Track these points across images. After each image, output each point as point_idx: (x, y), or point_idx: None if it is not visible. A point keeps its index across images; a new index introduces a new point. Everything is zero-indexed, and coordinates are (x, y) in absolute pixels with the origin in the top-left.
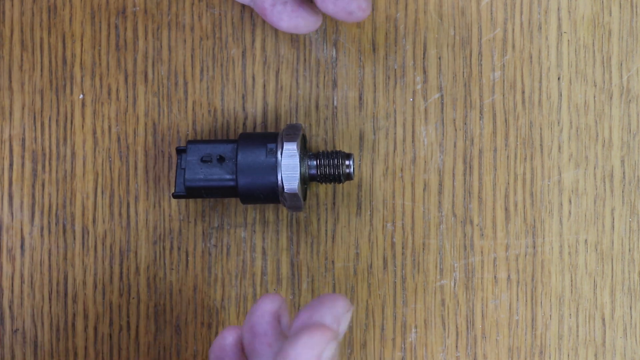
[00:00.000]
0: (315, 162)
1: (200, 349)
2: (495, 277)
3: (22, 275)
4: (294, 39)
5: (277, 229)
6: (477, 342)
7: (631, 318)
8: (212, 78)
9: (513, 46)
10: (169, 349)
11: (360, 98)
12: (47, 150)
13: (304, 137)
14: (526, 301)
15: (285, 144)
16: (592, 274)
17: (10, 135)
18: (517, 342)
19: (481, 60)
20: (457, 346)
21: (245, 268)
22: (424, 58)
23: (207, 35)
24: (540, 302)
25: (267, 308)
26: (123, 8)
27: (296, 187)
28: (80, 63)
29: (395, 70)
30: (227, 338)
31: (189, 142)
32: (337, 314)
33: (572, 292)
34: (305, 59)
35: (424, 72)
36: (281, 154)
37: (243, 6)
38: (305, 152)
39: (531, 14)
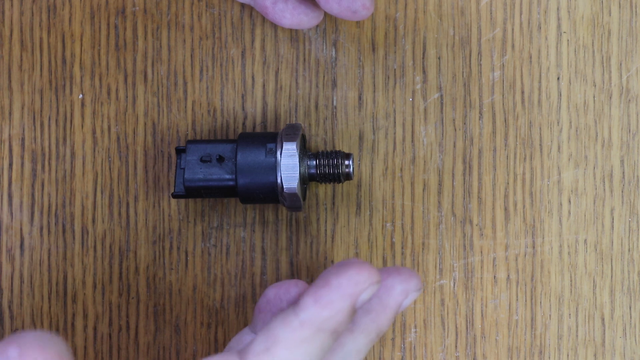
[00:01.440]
0: (314, 162)
1: (199, 348)
2: (494, 277)
3: (21, 275)
4: (294, 39)
5: (276, 229)
6: (477, 342)
7: (631, 318)
8: (212, 78)
9: (512, 46)
10: (168, 349)
11: (359, 98)
12: (47, 150)
13: (303, 137)
14: (526, 301)
15: (284, 143)
16: (591, 274)
17: (9, 135)
18: (517, 342)
19: (481, 60)
20: (456, 346)
21: (245, 268)
22: (423, 58)
23: (206, 35)
24: (539, 302)
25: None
26: (122, 8)
27: (295, 186)
28: (80, 63)
29: (394, 70)
30: (290, 291)
31: (189, 142)
32: (408, 287)
33: (571, 292)
34: (304, 59)
35: (424, 72)
36: (280, 154)
37: (243, 6)
38: (305, 152)
39: (531, 14)
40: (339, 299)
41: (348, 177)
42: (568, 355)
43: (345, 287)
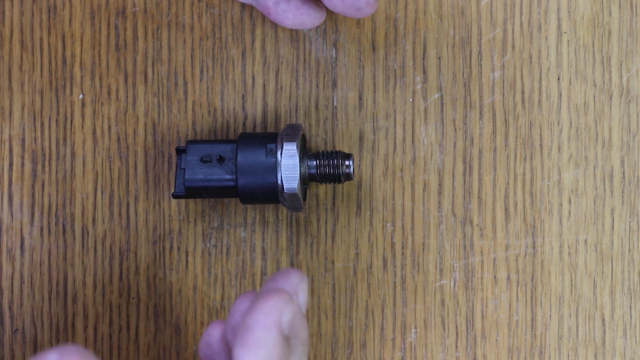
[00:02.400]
0: (315, 162)
1: None
2: (495, 277)
3: (21, 276)
4: (294, 39)
5: (276, 229)
6: (477, 342)
7: (631, 318)
8: (212, 78)
9: (513, 46)
10: (168, 349)
11: (360, 98)
12: (47, 150)
13: (303, 137)
14: (526, 301)
15: (285, 144)
16: (591, 274)
17: (10, 135)
18: (517, 342)
19: (481, 61)
20: (456, 346)
21: (245, 268)
22: (423, 58)
23: (207, 35)
24: (540, 302)
25: (244, 305)
26: (123, 8)
27: (296, 187)
28: (80, 63)
29: (395, 70)
30: (213, 334)
31: (189, 142)
32: (292, 285)
33: (571, 292)
34: (305, 59)
35: (424, 72)
36: (281, 154)
37: (243, 6)
38: (305, 152)
39: (531, 14)
40: (265, 335)
41: (348, 177)
42: (568, 356)
43: (264, 321)
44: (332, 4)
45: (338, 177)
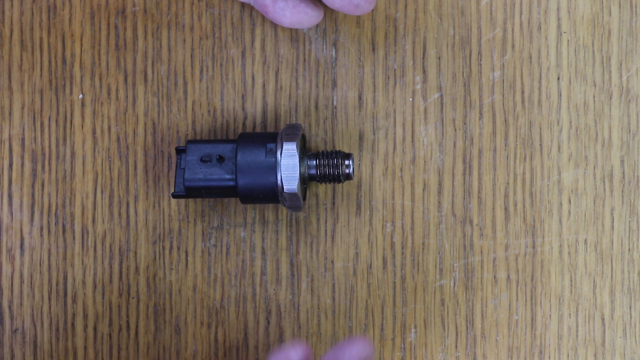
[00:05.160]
0: (314, 162)
1: (199, 348)
2: (494, 277)
3: (21, 275)
4: (294, 39)
5: (276, 229)
6: (477, 342)
7: (631, 318)
8: (212, 78)
9: (513, 46)
10: (168, 349)
11: (359, 98)
12: (47, 150)
13: (303, 137)
14: (526, 301)
15: (284, 143)
16: (591, 274)
17: (9, 135)
18: (517, 342)
19: (481, 60)
20: (456, 346)
21: (245, 268)
22: (423, 58)
23: (206, 35)
24: (539, 302)
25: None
26: (123, 8)
27: (296, 187)
28: (80, 63)
29: (394, 70)
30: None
31: (189, 142)
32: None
33: (571, 292)
34: (304, 59)
35: (424, 72)
36: (281, 154)
37: (243, 6)
38: (305, 152)
39: (531, 14)
40: None
41: (348, 177)
42: (568, 355)
43: None
44: (330, 1)
45: (338, 177)
